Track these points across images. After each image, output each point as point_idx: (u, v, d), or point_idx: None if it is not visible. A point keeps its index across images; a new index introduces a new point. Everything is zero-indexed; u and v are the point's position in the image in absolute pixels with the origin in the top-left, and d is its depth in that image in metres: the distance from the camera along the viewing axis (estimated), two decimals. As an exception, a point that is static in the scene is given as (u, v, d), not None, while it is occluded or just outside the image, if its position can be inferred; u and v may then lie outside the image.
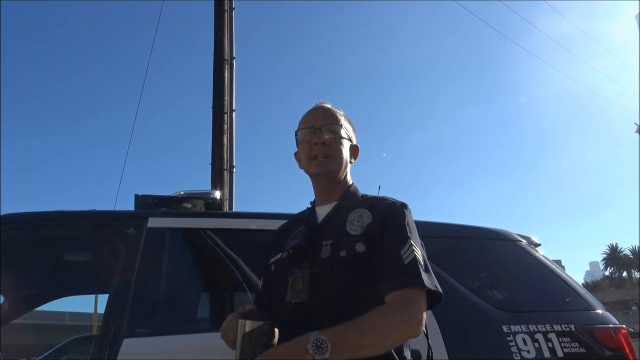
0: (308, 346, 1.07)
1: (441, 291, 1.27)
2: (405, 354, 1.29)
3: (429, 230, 1.38)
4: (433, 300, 1.27)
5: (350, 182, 1.50)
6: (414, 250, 1.27)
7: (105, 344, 1.87)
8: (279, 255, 1.42)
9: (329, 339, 1.08)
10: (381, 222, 1.33)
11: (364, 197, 1.46)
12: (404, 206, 1.38)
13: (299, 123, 1.52)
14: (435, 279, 1.28)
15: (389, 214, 1.35)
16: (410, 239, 1.30)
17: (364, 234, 1.31)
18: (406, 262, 1.25)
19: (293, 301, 1.28)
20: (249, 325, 1.19)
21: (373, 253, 1.29)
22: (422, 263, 1.27)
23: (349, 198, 1.44)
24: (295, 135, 1.51)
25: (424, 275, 1.24)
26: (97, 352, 1.87)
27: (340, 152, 1.44)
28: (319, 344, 1.07)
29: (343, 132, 1.47)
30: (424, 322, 1.21)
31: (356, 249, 1.29)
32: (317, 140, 1.43)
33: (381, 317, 1.17)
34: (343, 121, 1.49)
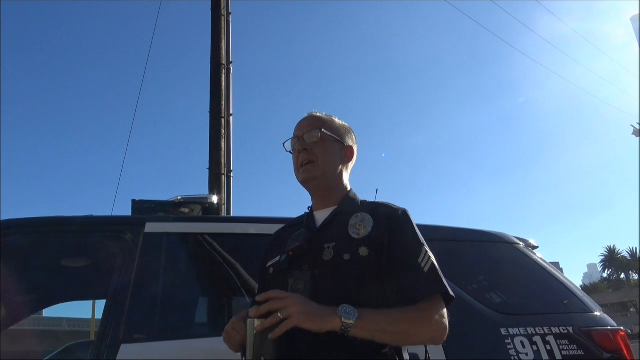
0: (337, 310, 1.15)
1: (454, 295, 1.29)
2: (405, 357, 1.30)
3: (425, 234, 1.39)
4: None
5: (349, 188, 1.51)
6: (430, 257, 1.31)
7: (103, 350, 1.87)
8: (277, 258, 1.42)
9: (357, 310, 1.15)
10: (387, 228, 1.34)
11: (364, 202, 1.48)
12: (406, 212, 1.40)
13: None
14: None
15: (395, 222, 1.36)
16: (424, 245, 1.33)
17: (367, 238, 1.32)
18: (426, 270, 1.28)
19: None
20: (258, 323, 1.16)
21: (378, 258, 1.30)
22: (438, 268, 1.30)
23: (349, 203, 1.45)
24: (284, 147, 1.53)
25: (445, 281, 1.28)
26: (95, 358, 1.87)
27: (325, 155, 1.45)
28: (347, 309, 1.15)
29: (327, 135, 1.47)
30: (447, 330, 1.25)
31: (360, 252, 1.30)
32: (299, 147, 1.45)
33: (412, 313, 1.22)
34: (329, 124, 1.50)
